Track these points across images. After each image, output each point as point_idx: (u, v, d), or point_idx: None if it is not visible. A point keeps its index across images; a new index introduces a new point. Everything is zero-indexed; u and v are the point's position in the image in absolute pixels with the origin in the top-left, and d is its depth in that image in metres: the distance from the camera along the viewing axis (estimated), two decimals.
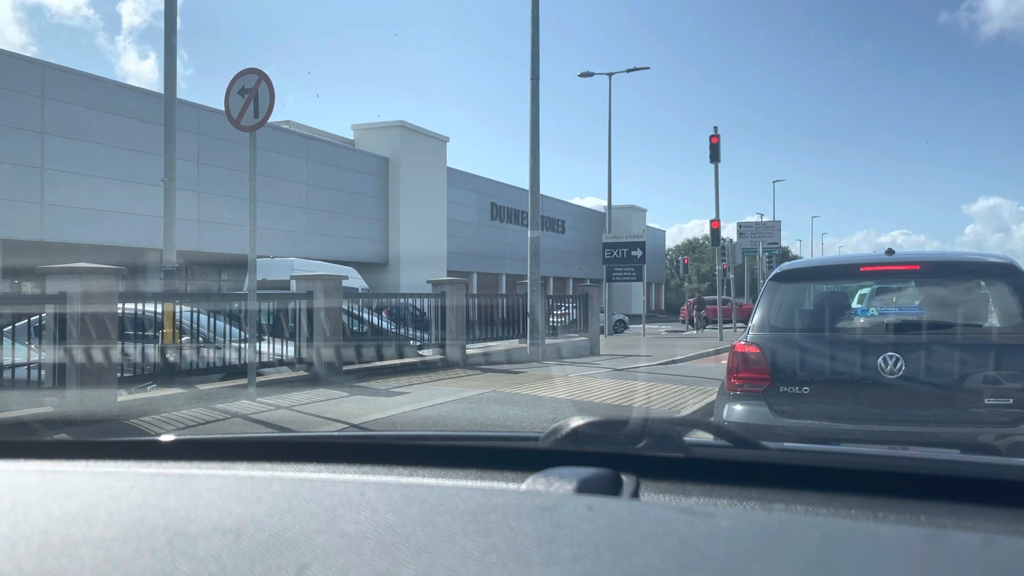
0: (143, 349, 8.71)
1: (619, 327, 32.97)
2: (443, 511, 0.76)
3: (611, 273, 25.15)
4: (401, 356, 12.39)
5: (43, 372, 7.50)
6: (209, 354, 9.52)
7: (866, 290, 6.94)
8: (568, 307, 18.10)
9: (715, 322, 33.74)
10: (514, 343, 15.12)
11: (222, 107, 8.88)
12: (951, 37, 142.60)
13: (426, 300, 13.44)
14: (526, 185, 15.96)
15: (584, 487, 0.93)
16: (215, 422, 7.54)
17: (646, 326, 28.81)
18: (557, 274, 44.68)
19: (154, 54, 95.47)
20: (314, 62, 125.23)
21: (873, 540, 0.68)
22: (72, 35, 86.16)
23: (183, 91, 12.26)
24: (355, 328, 12.22)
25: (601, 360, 15.06)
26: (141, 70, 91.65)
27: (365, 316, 12.51)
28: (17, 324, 8.37)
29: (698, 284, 62.65)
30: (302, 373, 10.34)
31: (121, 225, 21.33)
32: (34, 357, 7.72)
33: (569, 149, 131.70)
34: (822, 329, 4.88)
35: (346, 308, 11.64)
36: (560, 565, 0.63)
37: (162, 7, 10.81)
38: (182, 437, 1.35)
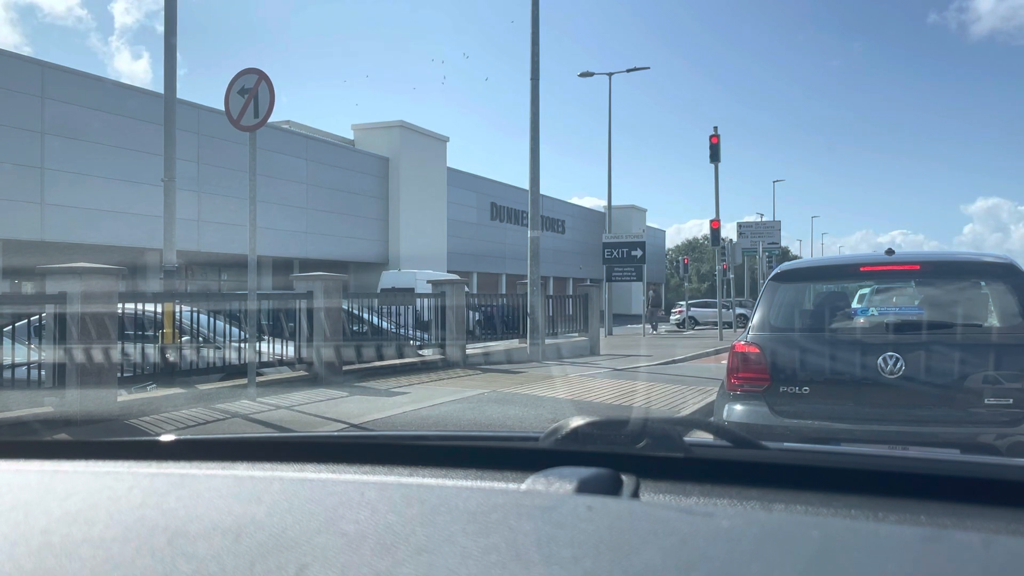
0: (143, 349, 8.71)
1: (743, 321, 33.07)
2: (443, 511, 0.76)
3: (611, 273, 25.16)
4: (401, 356, 12.39)
5: (43, 372, 7.49)
6: (209, 354, 9.53)
7: (866, 290, 6.94)
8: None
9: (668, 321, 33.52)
10: (514, 343, 15.12)
11: (221, 107, 8.88)
12: (941, 37, 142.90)
13: (426, 300, 13.44)
14: (526, 185, 15.96)
15: (584, 487, 0.93)
16: (215, 422, 7.53)
17: (645, 326, 28.82)
18: (557, 274, 44.68)
19: (147, 54, 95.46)
20: (312, 61, 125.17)
21: (873, 540, 0.68)
22: (65, 35, 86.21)
23: (177, 91, 12.28)
24: (355, 328, 12.22)
25: (601, 360, 15.06)
26: (134, 70, 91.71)
27: (365, 316, 12.52)
28: (17, 324, 8.37)
29: (698, 284, 62.64)
30: (302, 373, 10.34)
31: (121, 225, 21.33)
32: (34, 357, 7.72)
33: (569, 149, 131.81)
34: (822, 329, 4.88)
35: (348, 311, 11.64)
36: (560, 565, 0.63)
37: (154, 7, 11.01)
38: (182, 437, 1.35)
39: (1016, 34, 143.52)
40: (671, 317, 36.95)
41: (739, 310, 35.28)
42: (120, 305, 8.10)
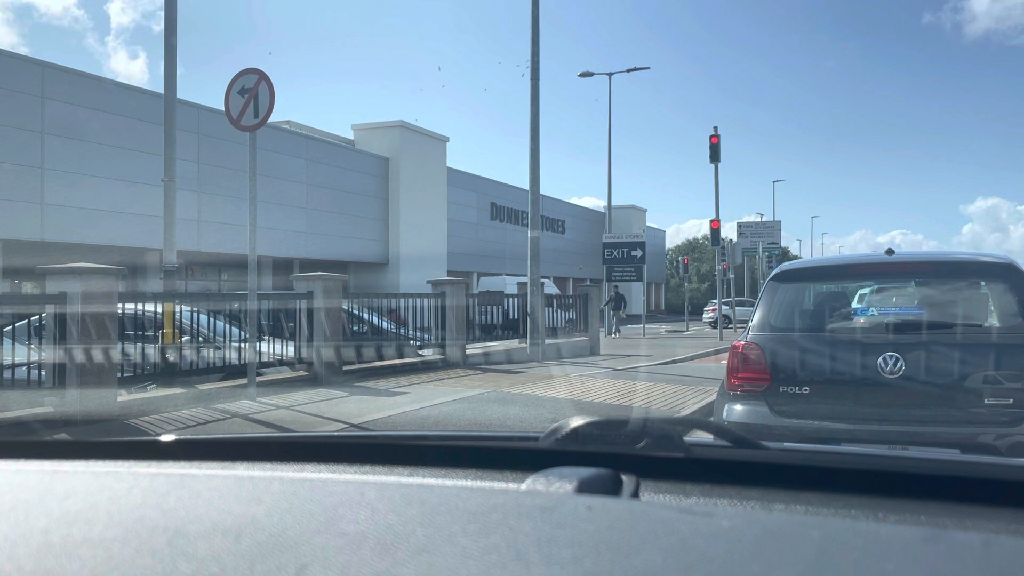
0: (143, 349, 8.71)
1: None
2: (443, 511, 0.76)
3: (611, 273, 25.16)
4: (401, 356, 12.39)
5: (43, 372, 7.49)
6: (209, 354, 9.53)
7: (866, 290, 6.94)
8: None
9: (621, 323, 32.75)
10: (514, 343, 15.12)
11: (219, 106, 8.87)
12: (937, 38, 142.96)
13: (426, 300, 13.44)
14: (526, 185, 15.97)
15: (584, 487, 0.93)
16: (215, 422, 7.53)
17: (646, 326, 28.80)
18: (557, 274, 44.67)
19: (144, 54, 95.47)
20: (312, 61, 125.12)
21: (873, 540, 0.68)
22: (61, 35, 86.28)
23: (177, 91, 12.29)
24: (355, 328, 12.22)
25: (601, 360, 15.05)
26: (131, 71, 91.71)
27: (366, 316, 12.51)
28: (17, 324, 8.37)
29: (698, 284, 62.62)
30: (302, 373, 10.34)
31: (121, 225, 21.31)
32: (34, 357, 7.72)
33: (569, 149, 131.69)
34: (822, 329, 4.88)
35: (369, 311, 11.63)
36: (560, 565, 0.63)
37: (151, 7, 11.02)
38: (182, 437, 1.35)
39: (1011, 34, 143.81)
40: (703, 316, 36.45)
41: None
42: (120, 305, 8.10)
